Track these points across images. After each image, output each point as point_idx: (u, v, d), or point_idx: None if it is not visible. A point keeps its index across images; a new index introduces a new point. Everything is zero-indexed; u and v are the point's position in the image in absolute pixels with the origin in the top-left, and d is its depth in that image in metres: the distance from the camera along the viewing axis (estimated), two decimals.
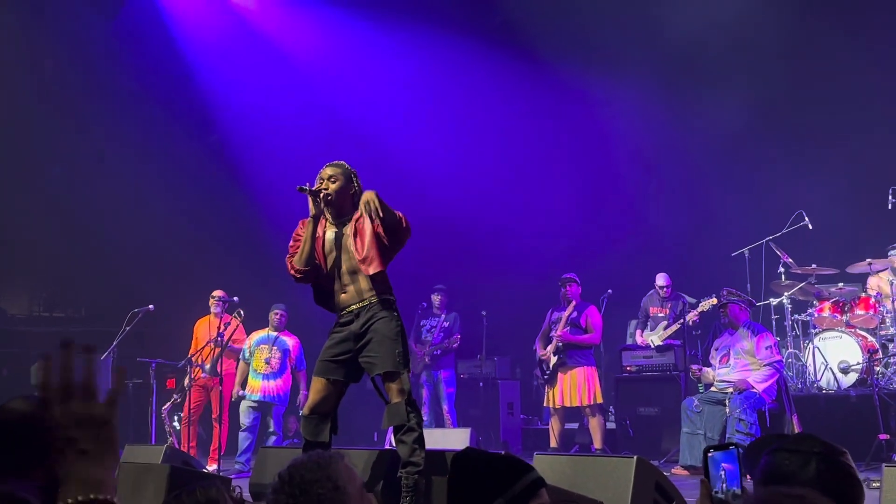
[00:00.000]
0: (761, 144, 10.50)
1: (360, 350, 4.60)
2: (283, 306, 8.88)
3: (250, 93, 11.81)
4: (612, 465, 4.09)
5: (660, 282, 9.20)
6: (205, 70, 11.84)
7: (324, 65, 12.00)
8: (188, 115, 11.95)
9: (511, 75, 11.58)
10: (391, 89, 12.05)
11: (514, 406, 10.10)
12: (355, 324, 4.62)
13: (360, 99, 11.98)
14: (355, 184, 4.82)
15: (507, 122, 12.06)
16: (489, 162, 11.93)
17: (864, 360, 7.88)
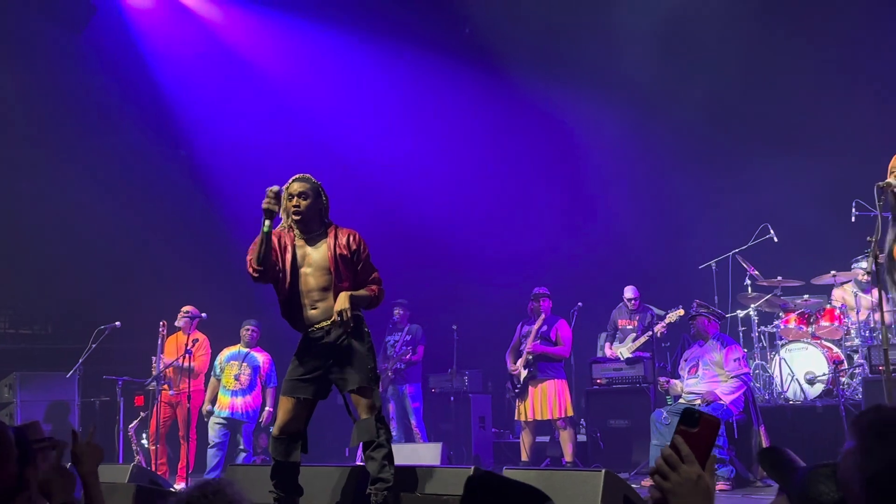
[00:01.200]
0: (727, 158, 10.63)
1: (332, 367, 4.58)
2: (255, 322, 8.82)
3: (219, 107, 11.74)
4: (581, 478, 4.10)
5: (628, 294, 9.27)
6: (173, 84, 11.76)
7: (292, 78, 11.97)
8: (155, 130, 11.84)
9: (480, 88, 11.63)
10: (360, 102, 12.04)
11: (485, 420, 10.09)
12: (326, 340, 4.60)
13: (329, 111, 11.95)
14: (323, 198, 4.80)
15: (477, 136, 12.10)
16: (459, 175, 11.95)
17: (829, 371, 7.98)
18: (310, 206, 4.70)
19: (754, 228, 9.06)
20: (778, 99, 10.42)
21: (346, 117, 11.98)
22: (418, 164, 12.00)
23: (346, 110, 12.00)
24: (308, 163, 11.08)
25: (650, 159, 11.20)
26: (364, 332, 4.64)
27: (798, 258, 9.30)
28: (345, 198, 10.58)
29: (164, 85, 11.76)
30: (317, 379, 4.64)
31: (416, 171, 11.95)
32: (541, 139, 11.99)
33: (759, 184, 10.12)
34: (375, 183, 11.74)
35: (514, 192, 12.07)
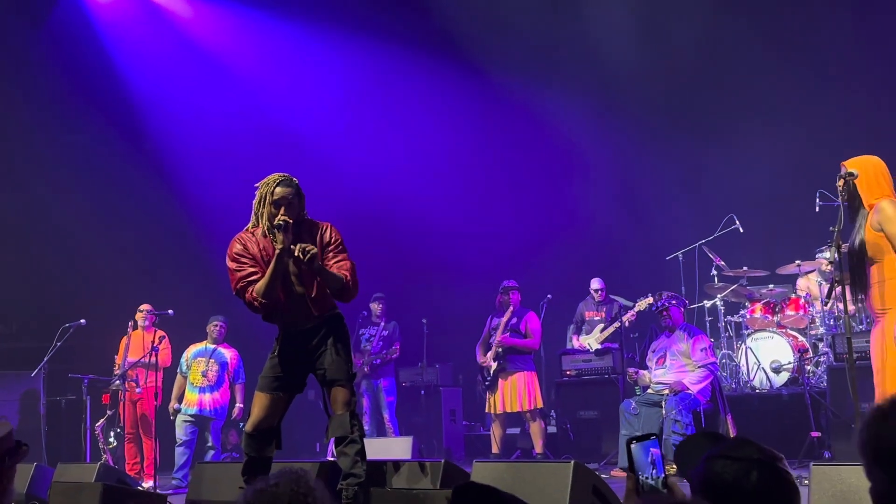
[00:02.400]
0: (694, 150, 10.71)
1: (312, 362, 4.57)
2: (222, 318, 8.74)
3: (183, 100, 11.61)
4: (550, 470, 4.12)
5: (594, 286, 9.32)
6: (137, 77, 11.61)
7: (259, 71, 11.88)
8: (119, 124, 11.70)
9: (448, 80, 11.61)
10: (327, 95, 11.98)
11: (456, 413, 10.11)
12: (306, 337, 4.58)
13: (296, 105, 11.88)
14: (302, 199, 4.64)
15: (445, 129, 12.08)
16: (427, 170, 11.93)
17: (795, 360, 8.08)
18: (297, 212, 4.54)
19: (720, 219, 9.14)
20: (741, 90, 10.53)
21: (313, 110, 11.92)
22: (386, 157, 11.97)
23: (314, 103, 11.93)
24: (275, 155, 11.07)
25: (617, 152, 11.26)
26: (343, 329, 4.65)
27: (763, 248, 9.41)
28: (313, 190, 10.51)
29: (127, 78, 11.62)
30: (295, 375, 4.63)
31: (384, 163, 11.92)
32: (509, 133, 12.02)
33: (724, 175, 10.21)
34: (343, 175, 11.68)
35: (482, 186, 12.08)
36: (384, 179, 11.76)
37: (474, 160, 12.11)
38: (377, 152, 11.98)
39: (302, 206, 4.62)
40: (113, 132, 11.68)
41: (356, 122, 12.05)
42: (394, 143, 12.06)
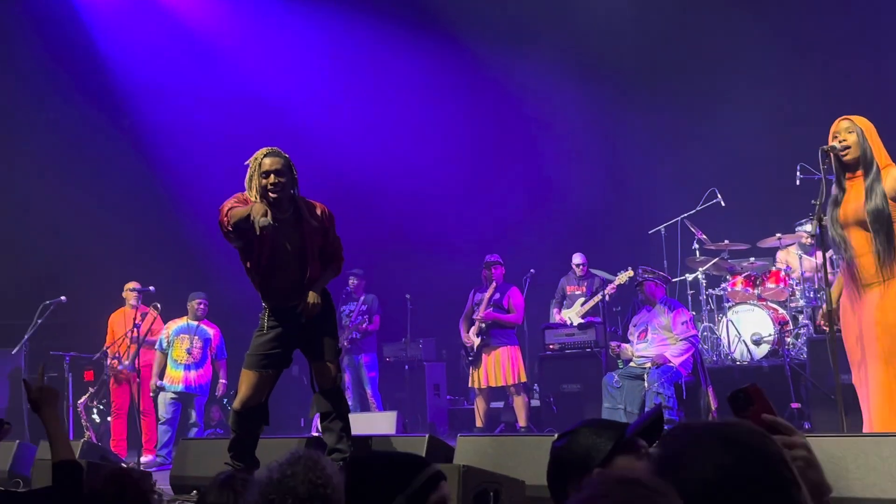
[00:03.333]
0: (675, 124, 10.72)
1: (300, 338, 4.57)
2: (204, 295, 8.67)
3: (164, 75, 11.49)
4: (534, 443, 4.14)
5: (576, 260, 9.35)
6: (117, 54, 11.47)
7: (240, 44, 11.75)
8: (99, 99, 11.56)
9: (430, 55, 11.54)
10: (311, 69, 11.88)
11: (440, 387, 10.14)
12: (298, 314, 4.58)
13: (278, 79, 11.78)
14: (294, 173, 4.65)
15: (428, 105, 12.02)
16: (410, 143, 11.89)
17: (775, 332, 8.15)
18: (286, 185, 4.51)
19: (702, 193, 9.17)
20: (722, 62, 10.52)
21: (297, 85, 11.82)
22: (370, 133, 11.91)
23: (297, 78, 11.83)
24: (257, 131, 10.98)
25: (599, 126, 11.26)
26: (331, 304, 4.70)
27: (744, 222, 9.45)
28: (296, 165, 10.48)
29: (107, 55, 11.48)
30: (283, 352, 4.63)
31: (366, 138, 11.86)
32: (490, 108, 11.97)
33: (706, 149, 10.23)
34: (327, 150, 11.60)
35: (464, 161, 12.04)
36: (367, 155, 11.71)
37: (457, 135, 12.07)
38: (360, 127, 11.92)
39: (293, 180, 4.58)
40: (93, 108, 11.55)
41: (338, 97, 11.97)
42: (376, 118, 11.99)
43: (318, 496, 1.78)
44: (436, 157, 11.95)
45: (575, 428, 2.06)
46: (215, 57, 11.71)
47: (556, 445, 2.06)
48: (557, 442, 2.08)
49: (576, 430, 2.05)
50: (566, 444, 2.03)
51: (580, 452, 1.99)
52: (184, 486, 5.39)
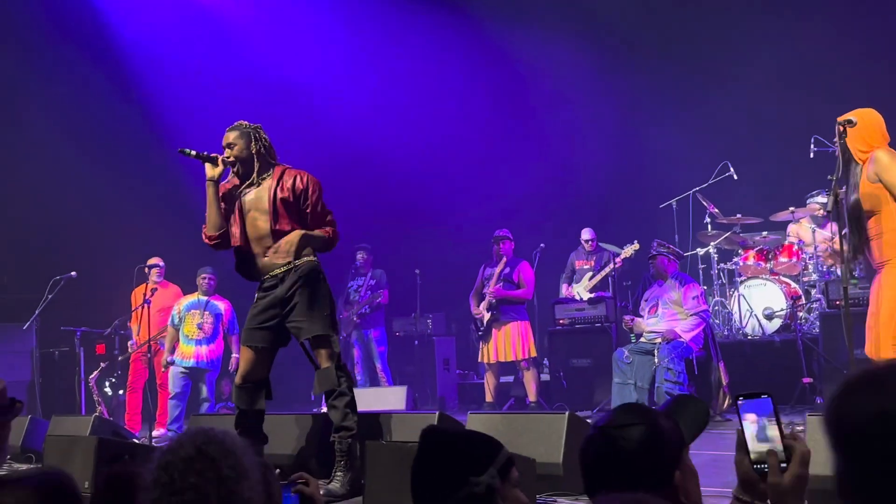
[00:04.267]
0: (687, 96, 10.60)
1: (287, 315, 4.51)
2: (211, 270, 8.63)
3: (173, 50, 11.42)
4: (545, 421, 4.12)
5: (585, 235, 9.29)
6: (126, 27, 11.40)
7: (251, 18, 11.66)
8: (111, 74, 11.52)
9: (441, 29, 11.44)
10: (322, 43, 11.79)
11: (449, 362, 10.14)
12: (280, 288, 4.53)
13: (290, 54, 11.69)
14: (260, 141, 4.67)
15: (440, 78, 11.93)
16: (420, 118, 11.81)
17: (787, 307, 8.10)
18: (241, 152, 4.64)
19: (714, 166, 9.08)
20: (737, 35, 10.38)
21: (308, 59, 11.74)
22: (379, 107, 11.83)
23: (308, 52, 11.75)
24: (269, 106, 10.93)
25: (610, 99, 11.14)
26: (319, 280, 4.55)
27: (757, 195, 9.36)
28: (306, 140, 10.44)
29: (116, 28, 11.41)
30: (274, 327, 4.58)
31: (377, 114, 11.79)
32: (501, 81, 11.87)
33: (718, 121, 10.12)
34: (337, 126, 11.55)
35: (475, 135, 11.96)
36: (377, 129, 11.64)
37: (467, 109, 11.98)
38: (371, 102, 11.85)
39: (254, 148, 4.66)
40: (104, 83, 11.52)
41: (349, 71, 11.88)
42: (385, 93, 11.91)
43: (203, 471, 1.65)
44: (446, 132, 11.88)
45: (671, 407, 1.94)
46: (227, 31, 11.64)
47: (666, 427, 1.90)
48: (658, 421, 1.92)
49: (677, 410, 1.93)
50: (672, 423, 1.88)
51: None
52: None
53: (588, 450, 1.80)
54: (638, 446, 1.73)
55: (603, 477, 1.75)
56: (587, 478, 1.80)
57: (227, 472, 1.66)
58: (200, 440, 1.69)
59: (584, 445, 1.81)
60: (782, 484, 1.67)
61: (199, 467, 1.64)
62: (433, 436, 1.96)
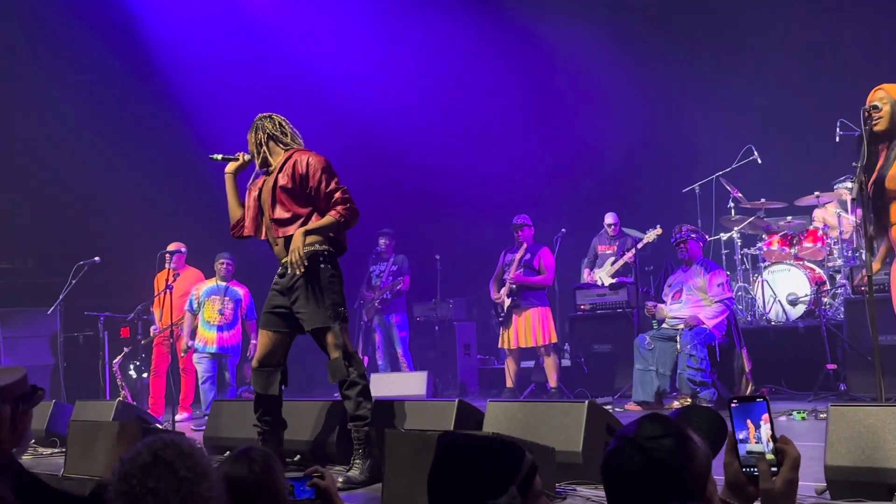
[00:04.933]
0: (711, 79, 10.46)
1: (293, 305, 4.52)
2: (229, 255, 8.63)
3: (195, 35, 11.42)
4: (564, 409, 4.10)
5: (608, 220, 9.23)
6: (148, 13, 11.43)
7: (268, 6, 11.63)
8: (130, 58, 11.56)
9: (460, 11, 11.35)
10: (336, 26, 11.74)
11: (470, 347, 10.14)
12: (286, 277, 4.54)
13: (305, 36, 11.65)
14: (264, 128, 4.68)
15: (460, 62, 11.86)
16: (441, 102, 11.75)
17: (811, 292, 8.01)
18: (252, 145, 4.72)
19: (738, 150, 8.97)
20: (763, 17, 10.22)
21: (323, 41, 11.70)
22: (400, 92, 11.78)
23: (323, 35, 11.71)
24: (285, 88, 10.93)
25: (633, 83, 11.02)
26: (321, 269, 4.43)
27: (782, 180, 9.25)
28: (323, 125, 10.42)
29: (139, 15, 11.43)
30: (286, 315, 4.58)
31: (396, 98, 11.74)
32: (522, 65, 11.77)
33: (743, 105, 9.99)
34: (355, 110, 11.52)
35: (496, 119, 11.88)
36: (397, 114, 11.59)
37: (488, 93, 11.90)
38: (389, 87, 11.79)
39: (260, 137, 4.69)
40: (125, 68, 11.56)
41: (370, 56, 11.83)
42: (406, 75, 11.85)
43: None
44: (467, 117, 11.82)
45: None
46: (249, 17, 11.62)
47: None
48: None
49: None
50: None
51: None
52: (217, 447, 5.45)
53: (615, 462, 1.68)
54: (672, 458, 1.63)
55: (632, 491, 1.65)
56: (613, 491, 1.69)
57: (185, 473, 1.70)
58: (156, 446, 1.73)
59: (611, 457, 1.69)
60: (773, 490, 1.66)
61: (158, 472, 1.69)
62: (449, 452, 1.85)
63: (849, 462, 3.28)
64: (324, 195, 4.49)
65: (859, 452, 3.27)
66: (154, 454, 1.71)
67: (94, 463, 4.80)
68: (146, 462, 1.70)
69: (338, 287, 4.48)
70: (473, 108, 11.84)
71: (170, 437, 1.77)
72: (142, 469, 1.69)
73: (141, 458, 1.71)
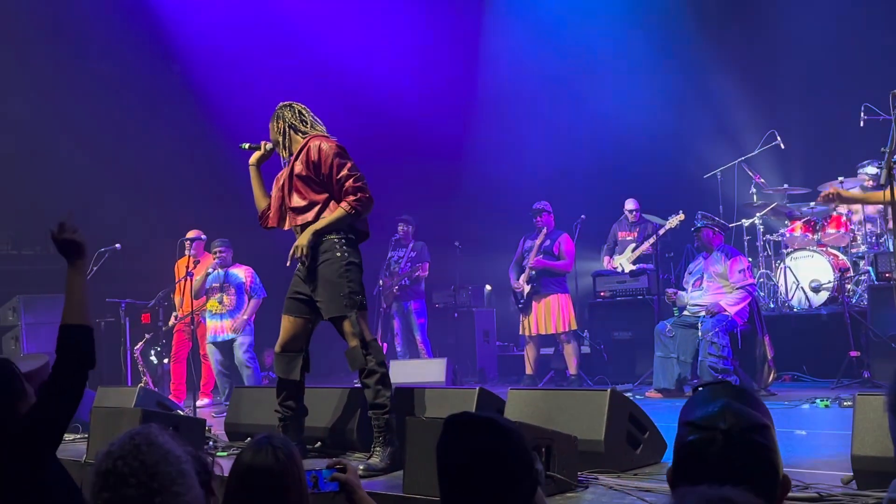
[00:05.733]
0: (733, 64, 10.35)
1: (313, 293, 4.53)
2: (221, 241, 8.56)
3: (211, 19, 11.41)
4: (586, 398, 4.07)
5: (628, 206, 9.16)
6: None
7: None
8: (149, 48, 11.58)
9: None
10: (352, 8, 11.70)
11: (489, 334, 10.12)
12: (304, 266, 4.55)
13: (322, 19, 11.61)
14: (283, 117, 4.69)
15: (481, 48, 11.80)
16: (459, 87, 11.70)
17: (835, 279, 7.93)
18: (274, 134, 4.73)
19: (761, 135, 8.88)
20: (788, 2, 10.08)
21: (339, 25, 11.66)
22: (419, 78, 11.73)
23: (339, 18, 11.66)
24: (301, 72, 10.90)
25: (654, 67, 10.91)
26: (336, 258, 4.42)
27: (805, 165, 9.15)
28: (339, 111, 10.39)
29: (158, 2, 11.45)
30: (307, 301, 4.58)
31: (415, 85, 11.69)
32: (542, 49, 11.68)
33: (766, 89, 9.88)
34: (374, 97, 11.49)
35: (516, 105, 11.81)
36: (415, 101, 11.54)
37: (507, 78, 11.83)
38: (408, 74, 11.74)
39: (281, 125, 4.69)
40: (144, 56, 11.58)
41: (390, 42, 11.78)
42: (423, 59, 11.79)
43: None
44: (486, 103, 11.76)
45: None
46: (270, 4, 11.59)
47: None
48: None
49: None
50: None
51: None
52: (238, 434, 5.47)
53: (710, 450, 1.56)
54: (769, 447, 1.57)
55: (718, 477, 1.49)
56: (689, 473, 1.57)
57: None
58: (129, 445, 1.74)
59: (705, 447, 1.57)
60: None
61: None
62: (461, 468, 1.79)
63: (876, 452, 3.24)
64: (335, 182, 4.46)
65: (887, 442, 3.22)
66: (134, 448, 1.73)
67: None
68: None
69: (354, 275, 4.45)
70: (494, 94, 11.78)
71: (147, 434, 1.77)
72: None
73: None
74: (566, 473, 3.51)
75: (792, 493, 3.12)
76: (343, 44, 11.65)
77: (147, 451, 1.73)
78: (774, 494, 1.58)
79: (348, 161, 4.48)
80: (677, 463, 1.60)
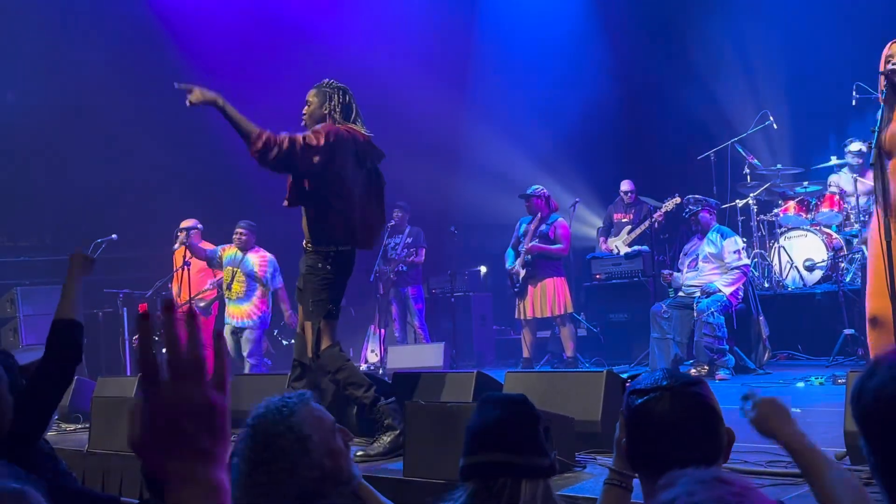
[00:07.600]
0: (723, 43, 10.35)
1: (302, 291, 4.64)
2: (246, 223, 8.22)
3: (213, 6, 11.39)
4: (583, 379, 4.12)
5: (624, 187, 9.19)
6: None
7: None
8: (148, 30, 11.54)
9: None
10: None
11: (486, 318, 10.17)
12: (302, 259, 4.63)
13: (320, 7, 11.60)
14: (332, 102, 4.59)
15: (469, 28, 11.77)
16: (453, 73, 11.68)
17: (828, 258, 7.98)
18: (314, 111, 4.60)
19: (753, 115, 8.90)
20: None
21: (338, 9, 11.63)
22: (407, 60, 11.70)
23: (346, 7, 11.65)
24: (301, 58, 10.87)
25: (646, 49, 10.91)
26: (319, 268, 4.44)
27: (798, 145, 9.18)
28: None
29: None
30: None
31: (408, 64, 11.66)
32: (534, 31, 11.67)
33: (758, 69, 9.89)
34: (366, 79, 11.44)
35: (508, 87, 11.80)
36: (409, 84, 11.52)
37: (501, 60, 11.81)
38: (399, 51, 11.71)
39: (325, 110, 4.58)
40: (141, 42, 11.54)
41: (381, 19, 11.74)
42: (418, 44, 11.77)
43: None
44: (479, 86, 11.74)
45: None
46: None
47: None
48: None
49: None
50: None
51: None
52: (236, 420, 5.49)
53: (658, 408, 1.82)
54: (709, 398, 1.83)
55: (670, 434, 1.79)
56: (645, 437, 1.83)
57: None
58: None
59: (654, 405, 1.82)
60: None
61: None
62: (516, 405, 2.15)
63: None
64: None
65: None
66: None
67: (117, 438, 4.88)
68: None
69: (331, 290, 4.45)
70: (486, 77, 11.77)
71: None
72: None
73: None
74: (564, 454, 3.56)
75: (786, 469, 3.18)
76: (336, 18, 11.57)
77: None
78: (722, 444, 1.77)
79: (322, 133, 4.39)
80: (630, 431, 1.77)
